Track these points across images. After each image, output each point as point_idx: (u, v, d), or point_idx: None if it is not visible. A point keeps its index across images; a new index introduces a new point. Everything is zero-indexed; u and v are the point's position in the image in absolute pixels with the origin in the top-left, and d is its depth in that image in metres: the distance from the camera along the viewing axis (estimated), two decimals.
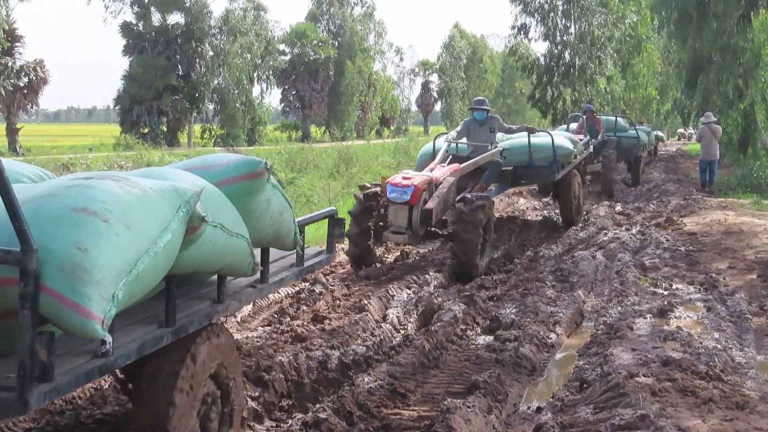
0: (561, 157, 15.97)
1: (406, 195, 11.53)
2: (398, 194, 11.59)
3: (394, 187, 11.67)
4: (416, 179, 11.80)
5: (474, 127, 14.41)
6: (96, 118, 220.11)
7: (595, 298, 10.93)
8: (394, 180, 11.85)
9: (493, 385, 6.67)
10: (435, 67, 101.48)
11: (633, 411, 5.65)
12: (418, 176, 12.05)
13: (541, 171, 15.79)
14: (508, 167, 15.18)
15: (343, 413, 5.97)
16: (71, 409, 5.96)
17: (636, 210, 19.93)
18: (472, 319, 9.48)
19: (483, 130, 14.34)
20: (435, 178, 12.35)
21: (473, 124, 14.41)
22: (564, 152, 16.12)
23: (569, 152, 16.40)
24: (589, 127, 23.80)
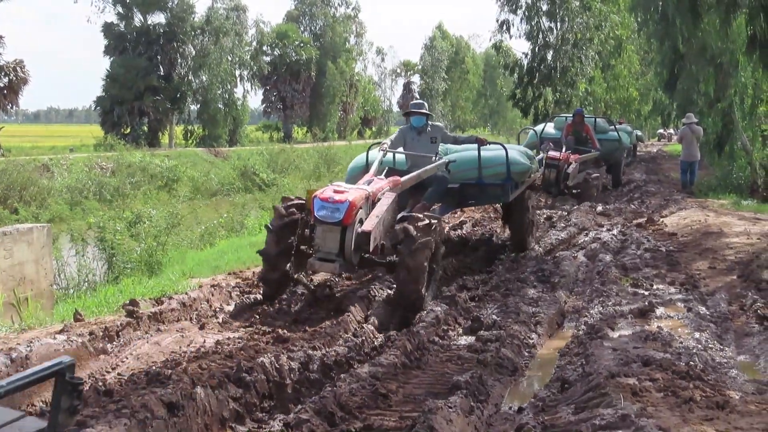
0: (516, 174, 13.37)
1: (338, 213, 9.24)
2: (329, 212, 9.31)
3: (323, 202, 9.40)
4: (351, 193, 9.52)
5: (411, 135, 12.42)
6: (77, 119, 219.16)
7: (576, 298, 10.95)
8: (324, 194, 9.52)
9: (474, 386, 6.67)
10: (417, 68, 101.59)
11: (614, 411, 5.65)
12: (352, 189, 9.77)
13: (492, 190, 13.30)
14: (454, 185, 12.79)
15: (325, 414, 5.95)
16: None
17: (617, 210, 19.99)
18: (453, 320, 9.49)
19: (422, 139, 12.36)
20: (372, 192, 10.07)
21: (410, 133, 12.43)
22: (519, 168, 13.42)
23: (525, 169, 13.64)
24: (575, 132, 23.48)
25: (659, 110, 47.95)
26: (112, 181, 31.24)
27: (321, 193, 9.57)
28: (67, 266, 15.86)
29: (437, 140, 12.46)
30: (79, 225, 19.76)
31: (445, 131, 12.78)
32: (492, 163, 13.21)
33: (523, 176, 13.82)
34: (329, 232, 9.36)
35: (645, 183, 27.70)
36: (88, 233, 18.24)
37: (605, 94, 50.68)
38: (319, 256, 9.39)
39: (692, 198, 21.85)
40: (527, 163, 13.79)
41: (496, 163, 13.22)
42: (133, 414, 5.38)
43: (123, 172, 33.49)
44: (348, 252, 9.39)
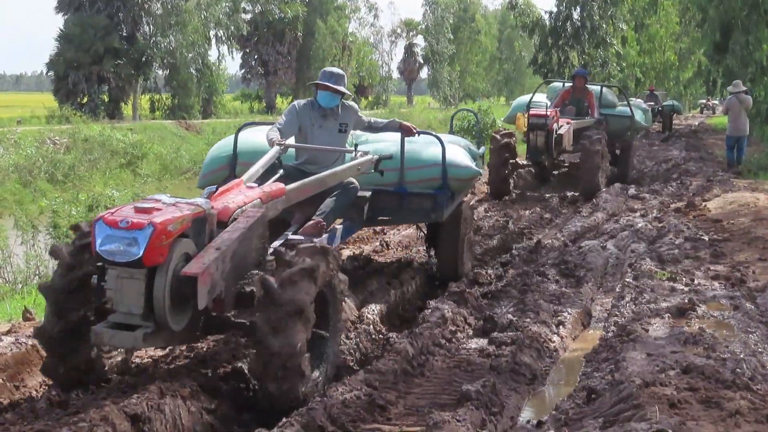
0: (455, 181, 10.78)
1: (135, 247, 6.32)
2: (120, 245, 6.37)
3: (110, 229, 6.44)
4: (163, 213, 6.56)
5: (312, 118, 9.97)
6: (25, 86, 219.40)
7: (605, 295, 10.97)
8: (115, 214, 6.54)
9: (486, 396, 6.68)
10: (420, 28, 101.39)
11: (648, 425, 5.66)
12: (170, 205, 6.76)
13: (418, 202, 10.64)
14: (364, 192, 10.19)
15: (314, 428, 5.97)
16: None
17: (652, 193, 19.99)
18: (463, 320, 9.50)
19: (328, 125, 10.02)
20: (223, 208, 7.24)
21: (311, 113, 9.98)
22: (461, 173, 10.81)
23: (468, 174, 11.01)
24: (574, 101, 21.76)
25: (702, 77, 47.90)
26: (66, 159, 31.23)
27: (110, 214, 6.56)
28: (14, 257, 15.85)
29: (347, 129, 10.24)
30: (29, 209, 19.74)
31: (359, 116, 10.42)
32: (421, 164, 10.70)
33: (466, 185, 11.48)
34: (126, 280, 6.44)
35: (684, 161, 27.74)
36: (39, 219, 18.23)
37: (639, 58, 50.67)
38: (113, 320, 6.55)
39: (740, 178, 21.87)
40: (471, 166, 11.06)
41: (428, 163, 10.70)
42: (91, 428, 5.39)
43: (79, 148, 33.47)
44: (161, 311, 6.47)
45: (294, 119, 9.91)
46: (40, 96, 75.39)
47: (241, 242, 6.95)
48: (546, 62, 45.90)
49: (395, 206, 10.71)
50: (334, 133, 10.06)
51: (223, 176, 10.16)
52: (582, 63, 44.93)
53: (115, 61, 57.78)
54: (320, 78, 10.03)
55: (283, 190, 8.13)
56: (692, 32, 46.99)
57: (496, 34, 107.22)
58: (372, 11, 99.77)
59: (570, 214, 17.37)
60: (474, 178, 11.42)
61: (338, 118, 10.10)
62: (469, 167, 10.99)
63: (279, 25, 76.27)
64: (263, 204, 7.63)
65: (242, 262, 7.01)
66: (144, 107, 64.78)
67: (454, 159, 10.77)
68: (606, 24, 45.11)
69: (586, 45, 45.03)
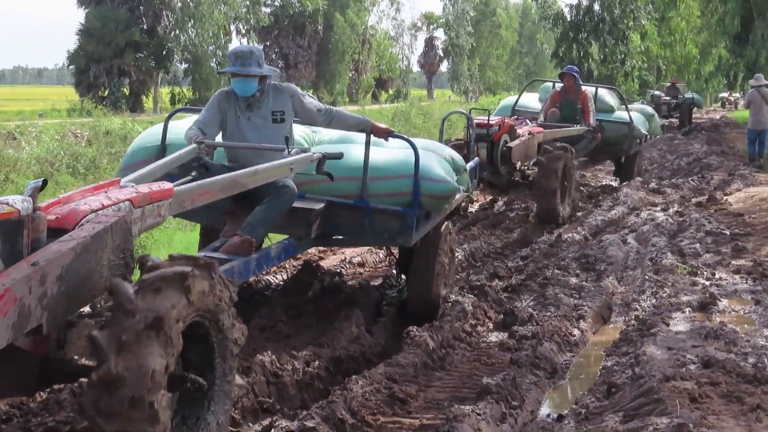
0: (428, 199, 8.73)
1: None
2: None
3: None
4: None
5: (238, 110, 8.29)
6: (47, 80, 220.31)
7: (625, 288, 10.94)
8: None
9: (507, 390, 6.67)
10: (440, 21, 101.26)
11: (669, 420, 5.65)
12: None
13: (381, 221, 8.66)
14: (315, 203, 8.45)
15: (334, 421, 5.97)
16: (21, 416, 5.96)
17: (673, 187, 19.93)
18: (483, 313, 9.49)
19: (258, 116, 8.28)
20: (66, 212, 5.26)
21: (237, 105, 8.29)
22: (435, 189, 8.75)
23: (445, 190, 8.91)
24: (566, 103, 18.36)
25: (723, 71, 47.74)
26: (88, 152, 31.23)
27: None
28: None
29: (285, 117, 8.36)
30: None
31: (302, 99, 8.50)
32: (388, 173, 8.71)
33: (441, 203, 9.10)
34: None
35: (706, 155, 27.60)
36: None
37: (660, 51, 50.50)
38: None
39: (761, 172, 21.77)
40: (448, 181, 8.93)
41: (396, 173, 8.70)
42: None
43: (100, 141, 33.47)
44: None
45: (215, 113, 8.26)
46: (61, 89, 75.62)
47: (79, 256, 4.90)
48: (567, 56, 45.79)
49: (354, 224, 8.68)
50: (267, 124, 8.26)
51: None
52: (602, 57, 44.84)
53: (136, 55, 58.01)
54: (228, 58, 8.37)
55: (169, 191, 6.10)
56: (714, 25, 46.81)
57: (517, 28, 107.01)
58: (393, 4, 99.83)
59: (591, 208, 17.30)
60: (451, 195, 9.07)
61: (267, 105, 8.27)
62: (445, 182, 8.81)
63: (299, 18, 76.35)
64: (134, 208, 5.69)
65: (83, 283, 4.97)
66: (164, 100, 64.89)
67: (428, 171, 8.66)
68: (626, 18, 44.98)
69: (606, 39, 44.91)
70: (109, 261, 5.18)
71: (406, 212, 8.55)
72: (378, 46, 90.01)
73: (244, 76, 8.10)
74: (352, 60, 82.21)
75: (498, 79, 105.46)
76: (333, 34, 77.73)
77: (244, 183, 7.02)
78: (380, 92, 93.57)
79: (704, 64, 59.67)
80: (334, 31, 77.72)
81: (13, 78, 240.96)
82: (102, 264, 5.11)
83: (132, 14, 59.26)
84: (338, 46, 78.08)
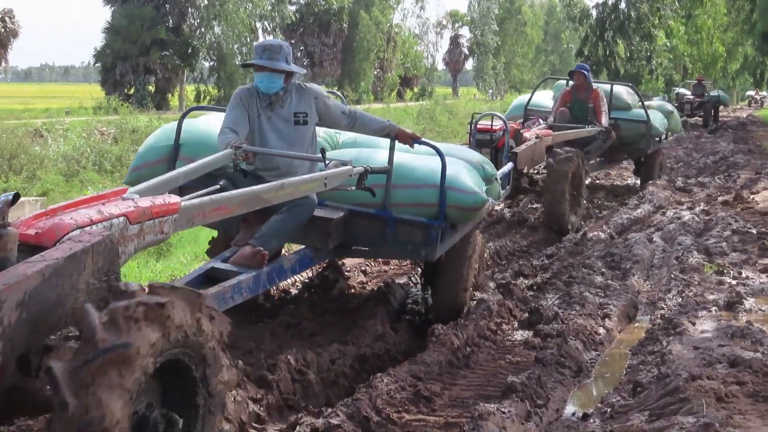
0: (455, 211, 8.26)
1: None
2: None
3: None
4: None
5: (260, 107, 7.84)
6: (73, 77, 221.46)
7: (651, 287, 10.91)
8: None
9: (532, 388, 6.66)
10: (465, 19, 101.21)
11: (695, 419, 5.64)
12: None
13: (404, 233, 8.17)
14: (333, 212, 8.04)
15: (359, 419, 5.97)
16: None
17: (699, 186, 19.86)
18: (508, 312, 9.47)
19: (280, 115, 7.85)
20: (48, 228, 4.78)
21: (259, 102, 7.84)
22: (463, 201, 8.28)
23: (473, 203, 8.37)
24: (576, 103, 17.15)
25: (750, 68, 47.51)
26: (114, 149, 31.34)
27: None
28: None
29: (308, 120, 7.91)
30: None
31: (326, 101, 8.09)
32: (412, 182, 8.23)
33: (468, 216, 8.53)
34: None
35: (732, 153, 27.51)
36: None
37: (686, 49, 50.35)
38: None
39: None
40: (477, 193, 8.38)
41: (422, 182, 8.23)
42: None
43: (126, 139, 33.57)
44: None
45: (242, 112, 7.74)
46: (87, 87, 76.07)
47: (48, 280, 4.34)
48: (593, 54, 45.72)
49: (375, 235, 8.17)
50: (289, 125, 7.82)
51: (159, 172, 7.26)
52: (628, 55, 44.72)
53: (162, 52, 58.17)
54: (255, 52, 7.84)
55: (175, 206, 5.50)
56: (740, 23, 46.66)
57: (543, 26, 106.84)
58: (417, 2, 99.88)
59: (616, 207, 17.26)
60: (479, 208, 8.50)
61: (290, 105, 7.84)
62: (473, 193, 8.29)
63: (325, 16, 76.42)
64: (130, 224, 5.13)
65: (51, 310, 4.41)
66: (190, 98, 65.05)
67: (456, 181, 8.21)
68: (652, 15, 44.87)
69: (632, 37, 44.81)
70: (88, 285, 4.59)
71: (431, 224, 8.08)
72: (403, 44, 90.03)
73: (271, 70, 7.63)
74: (377, 58, 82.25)
75: (523, 77, 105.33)
76: (358, 32, 77.78)
77: (268, 199, 6.45)
78: (405, 90, 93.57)
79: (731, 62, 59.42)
80: (359, 29, 77.76)
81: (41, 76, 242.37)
82: (78, 288, 4.53)
83: (158, 12, 59.46)
84: (363, 44, 78.11)
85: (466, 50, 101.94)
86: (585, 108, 16.98)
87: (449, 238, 8.46)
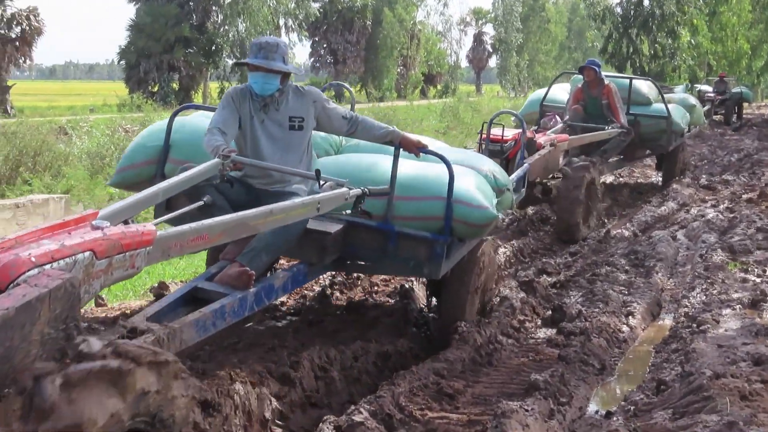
0: (461, 225, 7.54)
1: None
2: None
3: None
4: None
5: (253, 110, 7.20)
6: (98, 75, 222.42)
7: (675, 285, 10.88)
8: None
9: (555, 386, 6.66)
10: (489, 17, 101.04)
11: (719, 417, 5.61)
12: None
13: (410, 248, 7.46)
14: (330, 225, 7.28)
15: (382, 416, 5.97)
16: None
17: (723, 183, 19.77)
18: (531, 309, 9.48)
19: (274, 119, 7.20)
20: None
21: (251, 104, 7.20)
22: (470, 216, 7.55)
23: (480, 218, 7.60)
24: (589, 100, 16.49)
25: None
26: None
27: None
28: None
29: (305, 125, 7.28)
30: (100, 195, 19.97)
31: (327, 105, 7.44)
32: (418, 193, 7.56)
33: (476, 232, 7.81)
34: None
35: (757, 151, 27.36)
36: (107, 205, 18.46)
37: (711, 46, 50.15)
38: None
39: None
40: (486, 208, 7.64)
41: (427, 193, 7.56)
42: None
43: None
44: None
45: (233, 112, 7.11)
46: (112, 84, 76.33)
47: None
48: (617, 51, 45.62)
49: (376, 249, 7.51)
50: (284, 130, 7.18)
51: (148, 175, 7.62)
52: (652, 52, 44.58)
53: (186, 50, 58.26)
54: (251, 50, 7.26)
55: (148, 237, 4.78)
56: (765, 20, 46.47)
57: (566, 23, 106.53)
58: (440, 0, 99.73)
59: (640, 205, 17.21)
60: (489, 224, 7.71)
61: (286, 108, 7.21)
62: (482, 208, 7.58)
63: (348, 14, 76.40)
64: (97, 259, 4.43)
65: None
66: (213, 95, 65.15)
67: (464, 194, 7.53)
68: (677, 12, 44.74)
69: (656, 34, 44.69)
70: (42, 336, 3.93)
71: (435, 239, 7.39)
72: (426, 42, 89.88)
73: (266, 70, 7.04)
74: (400, 55, 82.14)
75: (547, 75, 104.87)
76: (381, 30, 77.68)
77: (254, 226, 5.76)
78: (428, 88, 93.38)
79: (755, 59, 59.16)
80: (383, 27, 77.67)
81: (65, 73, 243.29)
82: (30, 340, 3.88)
83: (182, 10, 59.55)
84: (387, 42, 78.01)
85: (489, 47, 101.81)
86: (598, 104, 16.37)
87: (456, 253, 7.79)
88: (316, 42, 77.67)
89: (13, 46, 46.96)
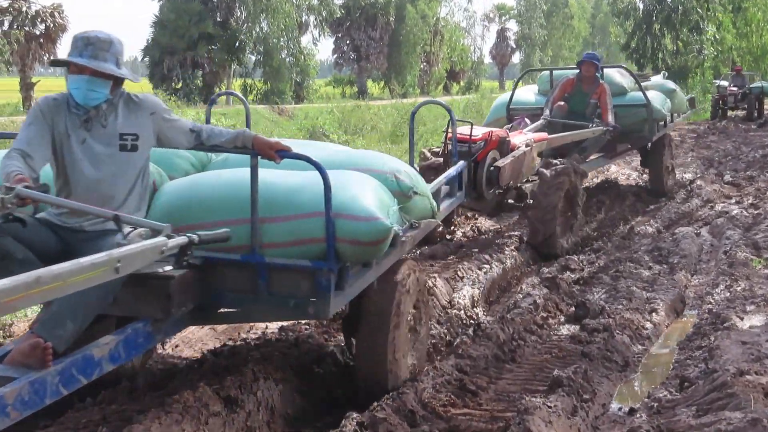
0: (346, 246, 5.79)
1: None
2: None
3: None
4: None
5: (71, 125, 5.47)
6: None
7: (699, 282, 10.84)
8: None
9: (578, 383, 6.64)
10: (512, 12, 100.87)
11: (743, 414, 5.59)
12: None
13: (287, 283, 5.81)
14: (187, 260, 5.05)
15: (405, 412, 5.98)
16: None
17: (748, 180, 19.68)
18: (554, 306, 9.46)
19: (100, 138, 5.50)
20: None
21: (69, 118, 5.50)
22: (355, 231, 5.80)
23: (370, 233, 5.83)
24: (578, 96, 15.27)
25: None
26: None
27: None
28: None
29: (138, 144, 5.61)
30: None
31: (166, 116, 5.85)
32: (292, 211, 5.86)
33: (369, 252, 6.00)
34: None
35: None
36: None
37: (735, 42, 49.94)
38: None
39: None
40: (376, 218, 5.87)
41: (305, 210, 5.86)
42: (185, 409, 5.45)
43: None
44: None
45: (42, 128, 5.39)
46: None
47: None
48: (639, 47, 45.50)
49: (243, 290, 5.83)
50: (112, 153, 5.52)
51: None
52: (675, 48, 44.43)
53: (209, 47, 58.33)
54: (71, 50, 5.45)
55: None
56: None
57: (590, 19, 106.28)
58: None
59: (664, 201, 17.15)
60: (382, 239, 5.93)
61: (115, 124, 5.55)
62: (370, 219, 5.83)
63: (371, 10, 76.22)
64: None
65: None
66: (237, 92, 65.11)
67: (346, 204, 5.84)
68: (701, 8, 44.59)
69: (679, 30, 44.55)
70: None
71: (317, 267, 5.72)
72: (449, 38, 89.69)
73: (93, 73, 5.40)
74: (423, 52, 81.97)
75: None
76: (404, 26, 77.50)
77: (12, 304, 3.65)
78: (452, 84, 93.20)
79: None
80: (406, 23, 77.49)
81: None
82: None
83: (205, 6, 59.61)
84: (410, 38, 77.83)
85: (513, 44, 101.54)
86: (585, 102, 15.10)
87: (352, 282, 6.07)
88: (339, 38, 77.57)
89: (38, 43, 47.07)
